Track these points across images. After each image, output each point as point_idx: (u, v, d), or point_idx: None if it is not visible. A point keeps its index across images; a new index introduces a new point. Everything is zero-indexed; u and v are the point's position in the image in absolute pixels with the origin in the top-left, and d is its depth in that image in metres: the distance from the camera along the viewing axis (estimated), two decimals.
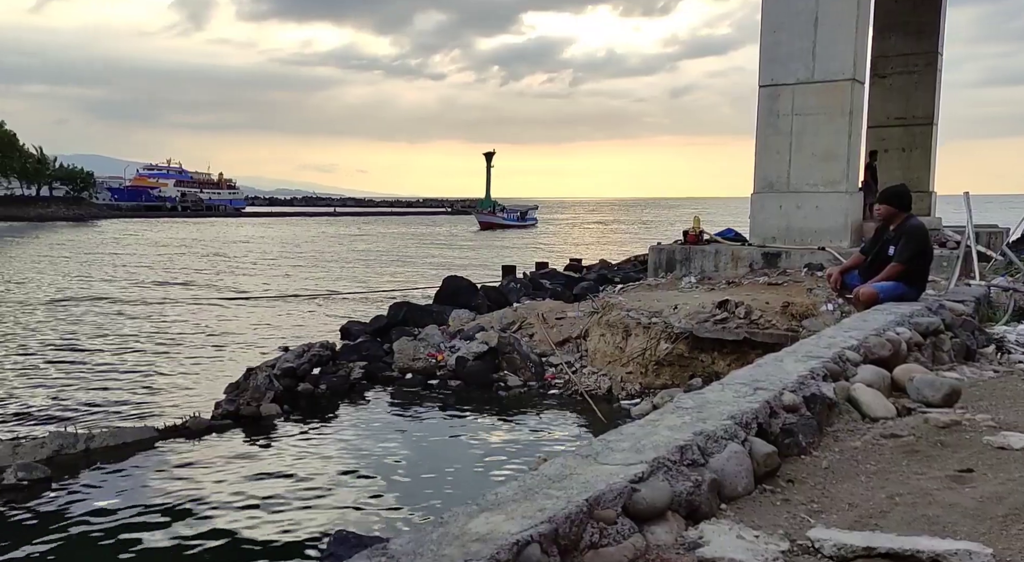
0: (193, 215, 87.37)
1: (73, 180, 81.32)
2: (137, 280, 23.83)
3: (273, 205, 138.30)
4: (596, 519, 1.80)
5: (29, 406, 9.26)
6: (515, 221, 67.49)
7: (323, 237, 51.49)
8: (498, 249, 38.89)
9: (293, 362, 9.97)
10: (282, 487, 6.56)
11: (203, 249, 38.51)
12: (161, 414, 8.73)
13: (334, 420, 8.78)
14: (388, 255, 35.35)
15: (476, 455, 7.49)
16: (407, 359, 10.81)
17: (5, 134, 71.61)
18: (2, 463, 6.55)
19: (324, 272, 27.29)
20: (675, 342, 9.30)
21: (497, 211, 67.69)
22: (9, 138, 72.08)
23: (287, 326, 15.25)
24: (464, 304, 13.93)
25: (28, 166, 74.65)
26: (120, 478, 6.74)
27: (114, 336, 13.98)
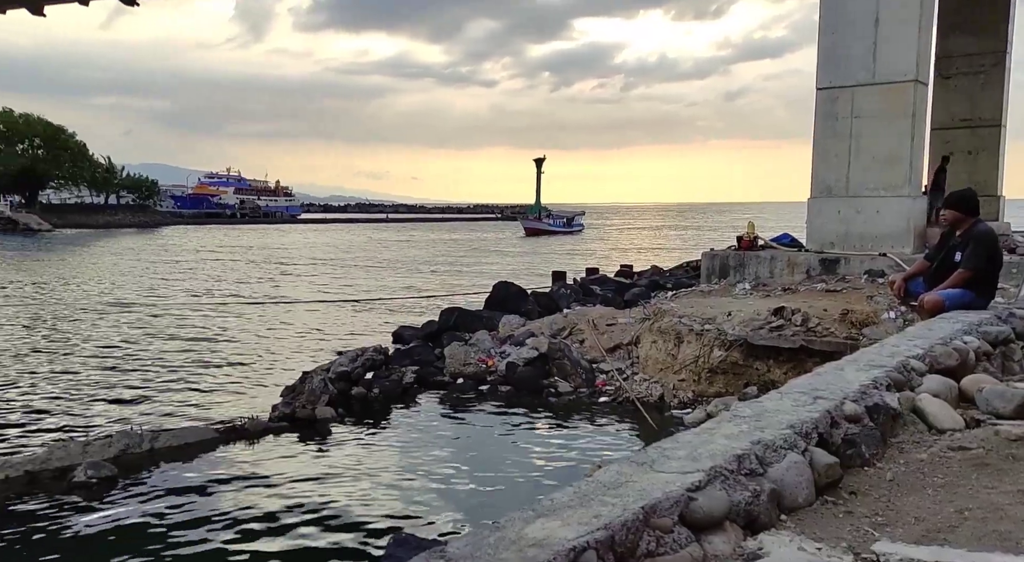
0: (251, 222, 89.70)
1: (139, 188, 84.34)
2: (196, 284, 24.54)
3: (327, 212, 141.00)
4: (652, 527, 1.78)
5: (95, 406, 9.61)
6: (561, 227, 66.93)
7: (375, 243, 52.26)
8: (544, 255, 38.80)
9: (347, 366, 10.13)
10: (338, 490, 6.67)
11: (260, 255, 39.47)
12: (220, 416, 8.94)
13: (387, 424, 8.89)
14: (436, 261, 35.66)
15: (527, 460, 7.49)
16: (458, 364, 10.88)
17: (76, 145, 74.73)
18: (73, 461, 6.81)
19: (376, 277, 27.68)
20: (729, 350, 9.14)
21: (543, 217, 67.44)
22: (80, 148, 75.21)
23: (341, 330, 15.51)
24: (514, 310, 13.97)
25: (98, 175, 77.80)
26: (182, 478, 6.94)
27: (175, 339, 14.42)
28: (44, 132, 71.23)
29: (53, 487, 6.52)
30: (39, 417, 9.06)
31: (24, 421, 8.88)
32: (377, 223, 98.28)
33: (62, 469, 6.73)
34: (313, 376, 9.56)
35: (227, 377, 11.32)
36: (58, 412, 9.28)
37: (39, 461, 6.79)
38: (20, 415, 9.14)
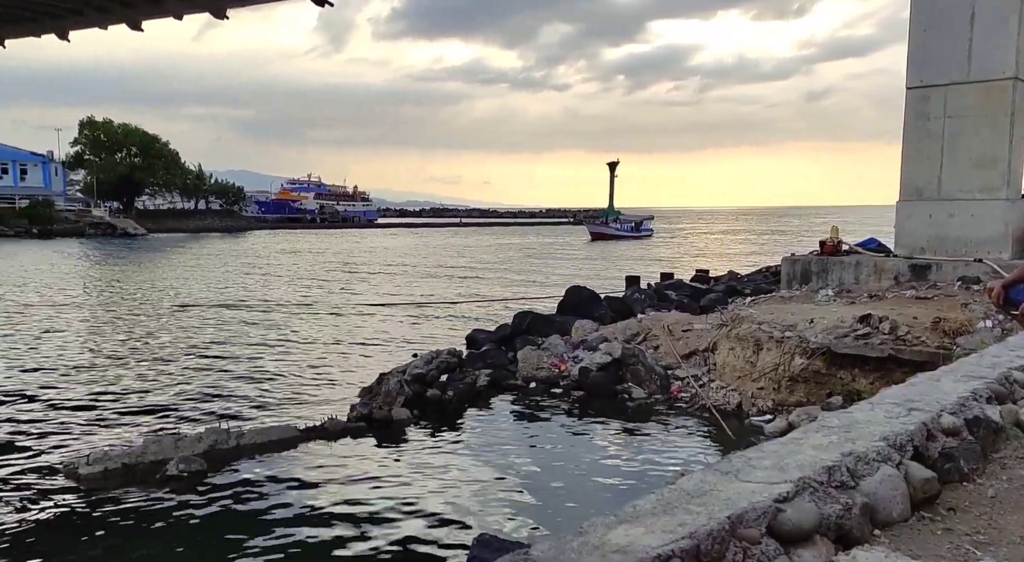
0: (330, 226, 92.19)
1: (226, 194, 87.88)
2: (278, 288, 25.39)
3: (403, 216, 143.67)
4: (739, 538, 1.73)
5: (186, 403, 10.04)
6: (628, 231, 65.58)
7: (447, 247, 52.94)
8: (610, 260, 38.31)
9: (422, 368, 10.28)
10: (415, 490, 6.77)
11: (338, 258, 40.54)
12: (301, 415, 9.21)
13: (462, 426, 8.97)
14: (502, 265, 35.81)
15: (600, 465, 7.44)
16: (531, 368, 10.90)
17: (170, 153, 78.47)
18: (166, 455, 7.14)
19: (448, 281, 28.02)
20: (811, 358, 8.85)
21: (609, 221, 66.46)
22: (173, 156, 78.93)
23: (415, 333, 15.76)
24: (587, 314, 13.89)
25: (188, 182, 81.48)
26: (267, 474, 7.17)
27: (259, 340, 14.94)
28: (141, 141, 75.05)
29: (148, 479, 6.86)
30: (135, 412, 9.54)
31: (121, 416, 9.37)
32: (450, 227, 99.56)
33: (156, 462, 7.07)
34: (389, 378, 9.74)
35: (307, 377, 11.65)
36: (151, 408, 9.74)
37: (135, 454, 7.15)
38: (117, 410, 9.64)
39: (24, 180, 72.74)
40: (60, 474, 7.02)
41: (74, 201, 72.09)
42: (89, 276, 29.74)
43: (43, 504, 6.38)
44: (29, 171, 73.91)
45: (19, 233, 56.25)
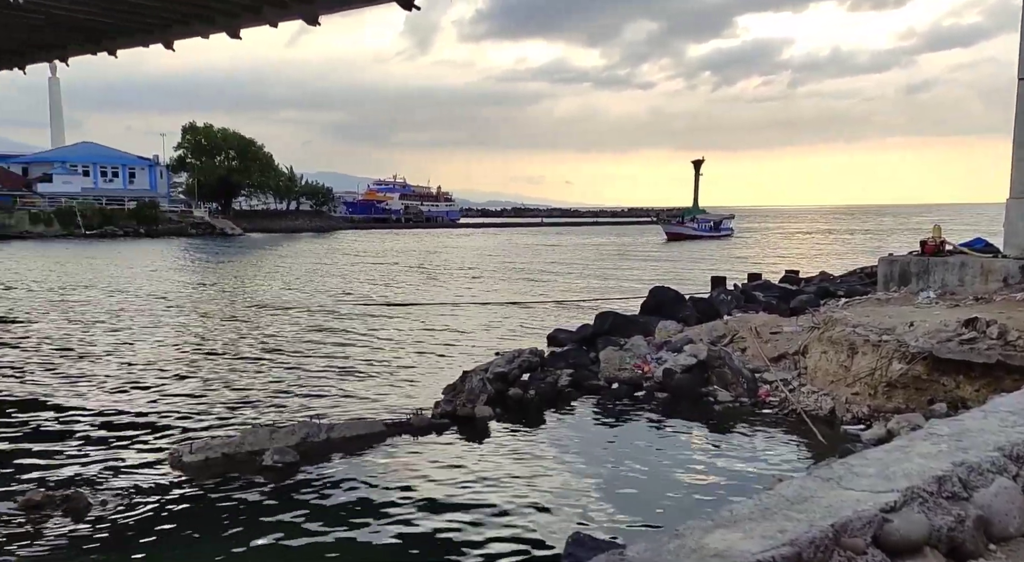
0: (415, 226, 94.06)
1: (316, 195, 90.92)
2: (363, 285, 26.06)
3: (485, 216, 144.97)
4: (843, 547, 1.67)
5: (279, 397, 10.42)
6: (707, 231, 63.62)
7: (528, 247, 53.10)
8: (687, 261, 37.37)
9: (504, 367, 10.34)
10: (498, 487, 6.83)
11: (421, 258, 41.28)
12: (387, 410, 9.42)
13: (544, 425, 8.99)
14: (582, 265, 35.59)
15: (686, 468, 7.31)
16: (613, 369, 10.80)
17: (265, 156, 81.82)
18: (262, 446, 7.45)
19: (528, 280, 28.09)
20: (910, 363, 8.43)
21: (686, 221, 64.75)
22: (268, 159, 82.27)
23: (496, 332, 15.87)
24: (671, 315, 13.66)
25: (281, 184, 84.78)
26: (356, 467, 7.38)
27: (343, 336, 15.37)
28: (238, 145, 78.56)
29: (245, 468, 7.17)
30: (232, 404, 9.98)
31: (220, 407, 9.82)
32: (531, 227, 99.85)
33: (253, 453, 7.38)
34: (472, 376, 9.84)
35: (392, 374, 11.90)
36: (247, 400, 10.16)
37: (234, 445, 7.48)
38: (216, 401, 10.11)
39: (132, 183, 77.41)
40: (166, 462, 7.42)
41: (177, 202, 76.06)
42: (190, 274, 31.34)
43: (149, 490, 6.75)
44: (137, 174, 78.61)
45: (128, 233, 59.83)
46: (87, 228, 58.48)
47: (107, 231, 59.26)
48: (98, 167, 76.39)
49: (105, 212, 62.42)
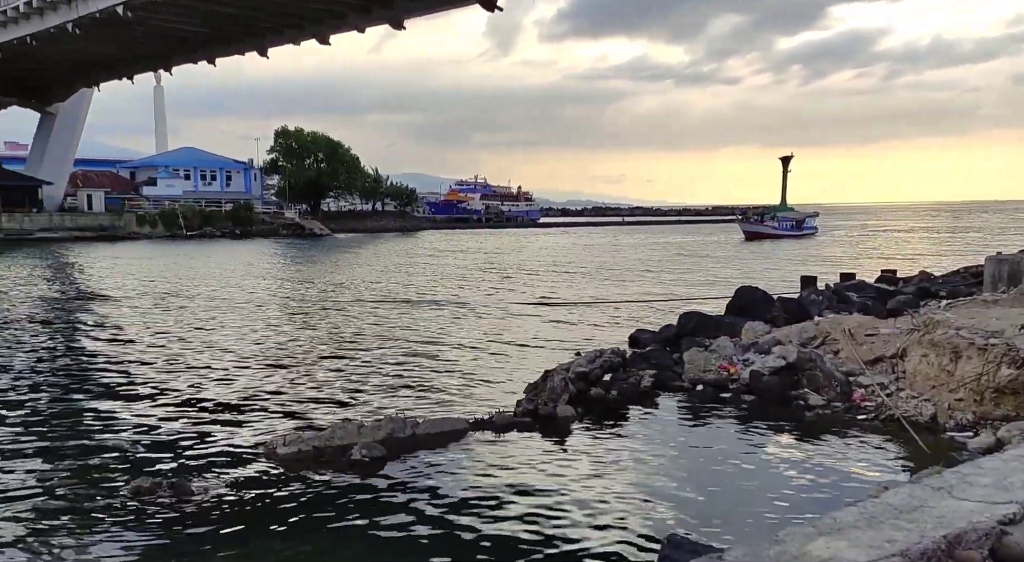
0: (495, 226, 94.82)
1: (400, 196, 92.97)
2: (445, 284, 26.43)
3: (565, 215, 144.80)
4: (957, 560, 1.58)
5: (363, 392, 10.70)
6: (788, 230, 60.98)
7: (607, 246, 52.68)
8: (774, 261, 36.04)
9: (586, 367, 10.29)
10: (584, 487, 6.80)
11: (501, 257, 41.57)
12: (468, 408, 9.53)
13: (626, 426, 8.89)
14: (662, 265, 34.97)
15: (775, 473, 7.09)
16: (697, 370, 10.60)
17: (351, 158, 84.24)
18: (350, 440, 7.67)
19: (609, 279, 27.85)
20: (1021, 368, 7.91)
21: (765, 220, 62.30)
22: (354, 161, 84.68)
23: (577, 331, 15.80)
24: (758, 316, 13.30)
25: (367, 185, 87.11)
26: (440, 463, 7.49)
27: (426, 333, 15.63)
28: (326, 148, 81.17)
29: (335, 462, 7.38)
30: (321, 399, 10.31)
31: (310, 401, 10.16)
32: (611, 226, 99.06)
33: (342, 447, 7.60)
34: (554, 375, 9.83)
35: (473, 372, 12.02)
36: (335, 396, 10.48)
37: (324, 438, 7.73)
38: (307, 396, 10.46)
39: (229, 185, 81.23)
40: (261, 453, 7.73)
41: (269, 204, 79.22)
42: (282, 273, 32.57)
43: (246, 479, 7.05)
44: (233, 177, 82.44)
45: (224, 234, 62.69)
46: (187, 229, 61.60)
47: (206, 232, 62.26)
48: (198, 171, 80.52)
49: (204, 214, 65.59)
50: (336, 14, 34.41)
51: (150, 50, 43.71)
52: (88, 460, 7.67)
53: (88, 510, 6.32)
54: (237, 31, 38.92)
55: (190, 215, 63.61)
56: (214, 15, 35.30)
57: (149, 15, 35.57)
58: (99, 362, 13.10)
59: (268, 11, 34.71)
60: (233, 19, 36.05)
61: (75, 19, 37.96)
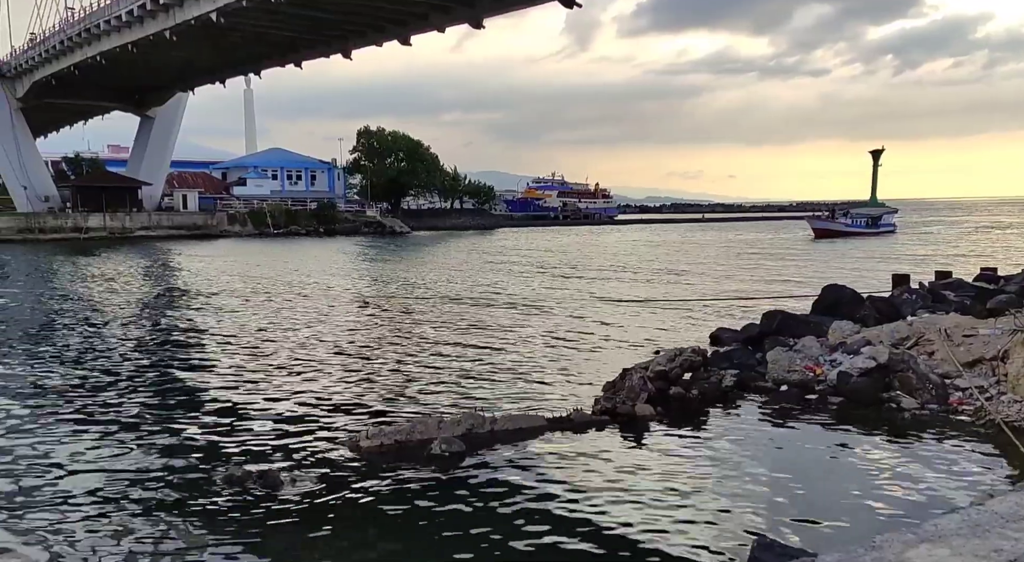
0: (572, 223, 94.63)
1: (478, 194, 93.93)
2: (521, 281, 26.52)
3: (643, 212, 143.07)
4: None
5: (441, 388, 10.85)
6: (861, 227, 57.83)
7: (687, 243, 51.74)
8: (852, 260, 34.26)
9: (665, 365, 10.16)
10: (665, 487, 6.72)
11: (578, 254, 41.41)
12: (547, 405, 9.53)
13: (707, 426, 8.74)
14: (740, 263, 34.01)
15: (865, 477, 6.85)
16: (782, 370, 10.31)
17: (431, 157, 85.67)
18: (430, 435, 7.81)
19: (686, 277, 27.36)
20: None
21: (837, 216, 59.33)
22: (434, 160, 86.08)
23: (655, 330, 15.60)
24: (847, 315, 12.85)
25: (446, 183, 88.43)
26: (518, 460, 7.53)
27: (502, 330, 15.72)
28: (407, 147, 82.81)
29: (415, 456, 7.53)
30: (401, 394, 10.53)
31: (391, 396, 10.39)
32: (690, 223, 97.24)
33: (422, 441, 7.75)
34: (632, 373, 9.75)
35: (551, 369, 12.02)
36: (415, 390, 10.68)
37: (405, 433, 7.90)
38: (387, 390, 10.71)
39: (314, 185, 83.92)
40: (345, 445, 7.96)
41: (352, 202, 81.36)
42: (364, 270, 33.42)
43: (331, 471, 7.28)
44: (317, 177, 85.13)
45: (309, 232, 64.79)
46: (275, 227, 63.92)
47: (291, 230, 64.45)
48: (284, 171, 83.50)
49: (290, 212, 67.93)
50: (418, 15, 35.06)
51: (241, 55, 45.60)
52: (181, 449, 8.06)
53: (183, 497, 6.65)
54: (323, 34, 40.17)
55: (277, 214, 66.00)
56: (301, 19, 36.53)
57: (240, 21, 37.11)
58: (190, 354, 13.78)
59: (353, 14, 35.67)
60: (319, 23, 37.21)
61: (172, 26, 40.00)
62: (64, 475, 7.26)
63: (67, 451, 7.97)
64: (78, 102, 60.83)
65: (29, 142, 61.48)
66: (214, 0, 36.29)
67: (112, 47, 46.07)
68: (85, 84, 54.55)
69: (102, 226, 57.31)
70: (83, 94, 58.00)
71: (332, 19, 36.19)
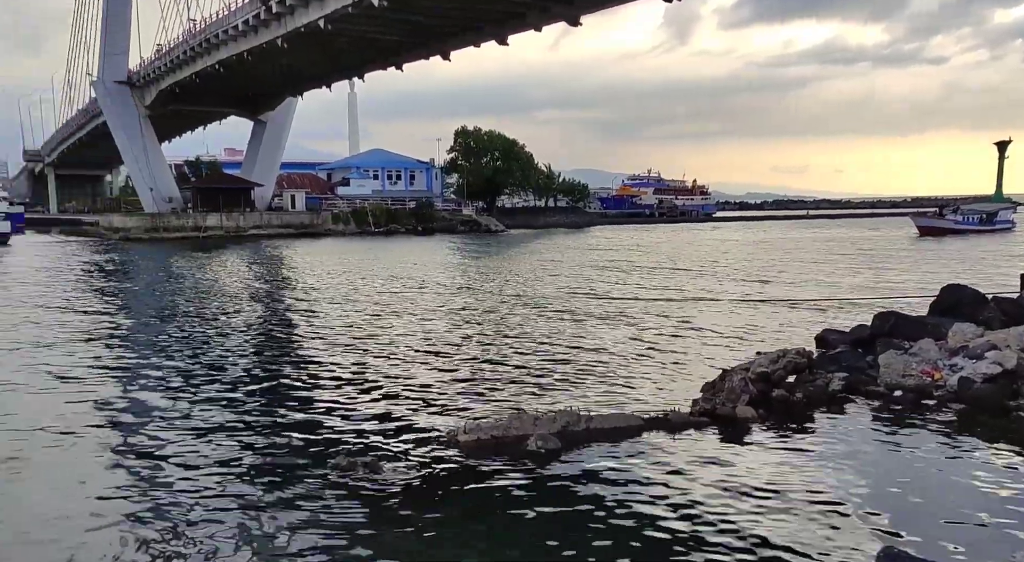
0: (668, 221, 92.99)
1: (572, 192, 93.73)
2: (614, 279, 26.25)
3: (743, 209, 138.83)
4: None
5: (536, 385, 10.87)
6: (973, 225, 53.41)
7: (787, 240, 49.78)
8: (945, 262, 31.77)
9: (767, 367, 9.85)
10: (767, 493, 6.53)
11: (673, 252, 40.62)
12: (643, 405, 9.41)
13: (813, 431, 8.40)
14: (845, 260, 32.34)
15: (991, 490, 6.43)
16: (895, 375, 9.79)
17: (526, 155, 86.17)
18: (526, 431, 7.87)
19: (785, 276, 26.33)
20: None
21: (945, 214, 54.87)
22: (528, 159, 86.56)
23: (756, 330, 15.10)
24: (968, 317, 12.02)
25: (540, 182, 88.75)
26: (614, 459, 7.48)
27: (596, 329, 15.59)
28: (502, 146, 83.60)
29: (512, 451, 7.61)
30: (498, 389, 10.63)
31: (487, 391, 10.51)
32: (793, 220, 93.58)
33: (519, 436, 7.82)
34: (732, 375, 9.50)
35: (646, 368, 11.85)
36: (510, 386, 10.76)
37: (502, 428, 7.98)
38: (483, 386, 10.84)
39: (412, 184, 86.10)
40: (443, 438, 8.13)
41: (448, 201, 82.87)
42: (460, 267, 33.96)
43: (431, 462, 7.45)
44: (416, 176, 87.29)
45: (408, 230, 66.47)
46: (375, 226, 65.92)
47: (391, 229, 66.30)
48: (385, 171, 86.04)
49: (390, 211, 69.89)
50: (516, 14, 35.33)
51: (346, 60, 47.30)
52: (290, 437, 8.45)
53: (291, 482, 6.97)
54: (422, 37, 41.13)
55: (378, 213, 68.06)
56: (402, 23, 37.53)
57: (346, 26, 38.49)
58: (294, 346, 14.42)
59: (452, 16, 36.34)
60: (421, 26, 38.12)
61: (283, 34, 41.95)
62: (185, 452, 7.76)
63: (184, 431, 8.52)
64: (199, 109, 64.78)
65: (155, 147, 65.93)
66: (322, 7, 37.79)
67: (229, 56, 48.77)
68: (205, 91, 57.99)
69: (219, 225, 60.64)
70: (203, 101, 61.72)
71: (431, 22, 37.00)
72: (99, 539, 5.86)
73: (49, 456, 7.87)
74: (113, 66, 64.06)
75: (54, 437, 8.45)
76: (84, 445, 8.22)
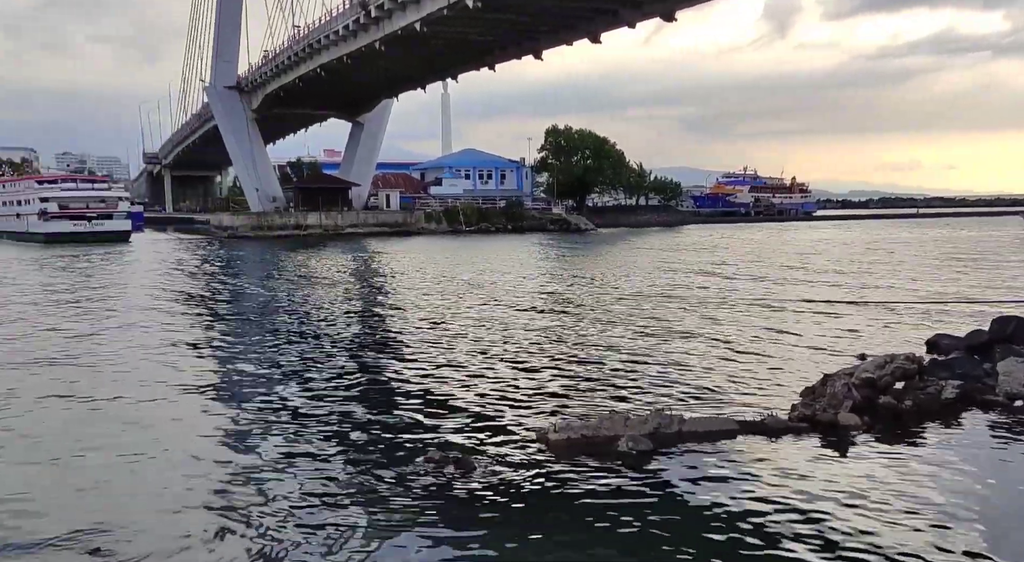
0: (765, 219, 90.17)
1: (664, 190, 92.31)
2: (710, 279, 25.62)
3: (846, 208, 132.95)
4: None
5: (628, 385, 10.75)
6: None
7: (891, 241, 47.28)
8: None
9: (873, 372, 9.39)
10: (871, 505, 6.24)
11: (771, 252, 39.31)
12: (739, 408, 9.14)
13: (922, 441, 7.96)
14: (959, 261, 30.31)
15: None
16: (1017, 383, 9.18)
17: (616, 154, 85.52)
18: (617, 432, 7.79)
19: (898, 278, 24.99)
20: None
21: None
22: (619, 157, 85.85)
23: (859, 333, 14.43)
24: None
25: (631, 180, 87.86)
26: (708, 463, 7.31)
27: (692, 330, 15.26)
28: (593, 144, 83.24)
29: (602, 451, 7.55)
30: (588, 388, 10.58)
31: (577, 391, 10.48)
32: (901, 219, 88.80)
33: (609, 437, 7.75)
34: (835, 379, 9.12)
35: (743, 371, 11.51)
36: (601, 386, 10.69)
37: (592, 428, 7.94)
38: (574, 385, 10.81)
39: (503, 183, 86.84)
40: (534, 437, 8.15)
41: (538, 200, 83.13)
42: (549, 267, 34.02)
43: (521, 460, 7.48)
44: (506, 175, 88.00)
45: (498, 229, 67.13)
46: (466, 225, 66.92)
47: (481, 227, 67.15)
48: (476, 170, 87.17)
49: (480, 211, 70.78)
50: (609, 11, 35.07)
51: (441, 61, 48.22)
52: (381, 430, 8.68)
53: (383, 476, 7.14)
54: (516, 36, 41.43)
55: (469, 212, 69.05)
56: (496, 23, 37.91)
57: (441, 28, 39.25)
58: (388, 342, 14.79)
59: (545, 15, 36.43)
60: (513, 25, 38.42)
61: (381, 37, 43.17)
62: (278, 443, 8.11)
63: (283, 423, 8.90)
64: (301, 111, 67.58)
65: (261, 149, 69.22)
66: (418, 10, 38.65)
67: (330, 60, 50.62)
68: (307, 95, 60.40)
69: (318, 224, 63.01)
70: (305, 104, 64.35)
71: (525, 21, 37.20)
72: (196, 520, 6.17)
73: (164, 427, 8.84)
74: (223, 72, 67.69)
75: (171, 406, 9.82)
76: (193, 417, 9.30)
